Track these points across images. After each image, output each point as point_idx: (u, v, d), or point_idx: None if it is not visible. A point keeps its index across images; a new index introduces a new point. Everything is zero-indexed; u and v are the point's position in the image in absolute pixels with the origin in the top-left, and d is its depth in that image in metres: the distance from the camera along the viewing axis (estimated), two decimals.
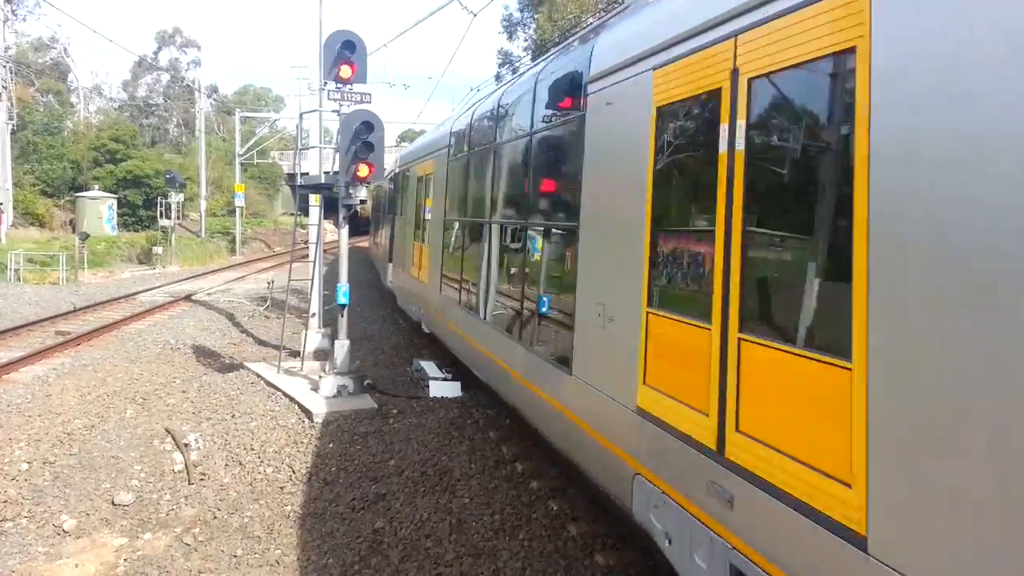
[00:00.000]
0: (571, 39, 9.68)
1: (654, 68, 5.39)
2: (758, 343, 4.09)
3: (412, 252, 16.07)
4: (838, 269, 3.57)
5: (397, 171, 20.45)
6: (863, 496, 3.23)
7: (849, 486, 3.33)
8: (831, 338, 3.57)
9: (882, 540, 3.13)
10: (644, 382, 5.33)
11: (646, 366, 5.33)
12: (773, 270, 4.23)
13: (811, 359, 3.66)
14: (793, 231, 4.12)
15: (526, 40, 46.26)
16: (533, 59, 33.64)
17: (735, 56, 4.40)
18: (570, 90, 7.20)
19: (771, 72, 4.10)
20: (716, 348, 4.45)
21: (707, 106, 4.72)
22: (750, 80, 4.27)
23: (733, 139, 4.36)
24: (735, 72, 4.39)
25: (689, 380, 4.74)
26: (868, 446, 3.22)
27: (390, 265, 20.50)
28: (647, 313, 5.33)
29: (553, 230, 7.89)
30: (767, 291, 4.26)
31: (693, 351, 4.69)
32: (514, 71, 31.48)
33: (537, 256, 8.12)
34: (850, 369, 3.35)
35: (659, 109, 5.30)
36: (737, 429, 4.22)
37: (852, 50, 3.46)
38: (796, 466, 3.69)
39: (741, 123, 4.31)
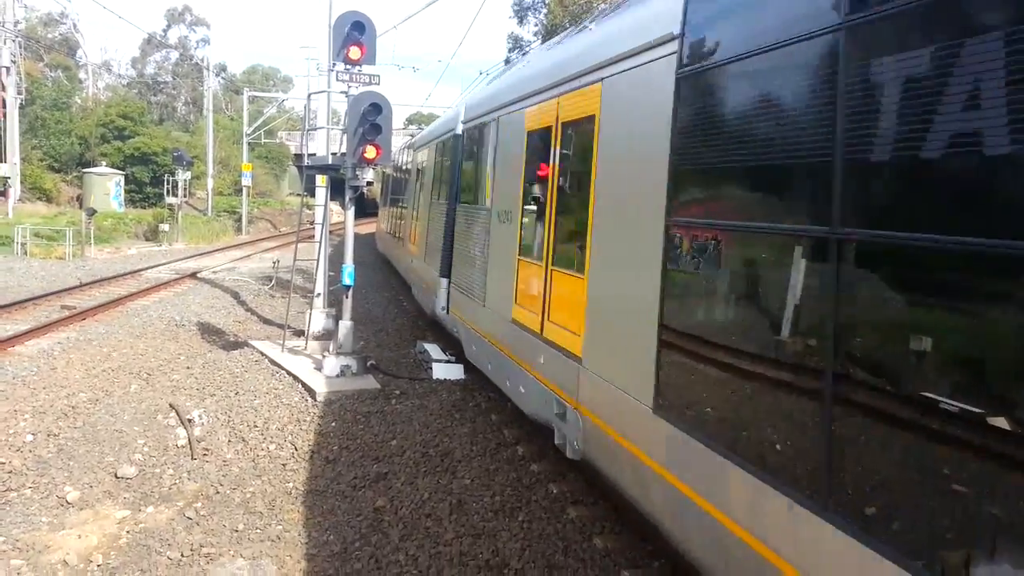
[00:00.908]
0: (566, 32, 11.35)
1: (524, 109, 9.07)
2: (558, 271, 7.57)
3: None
4: (582, 234, 6.82)
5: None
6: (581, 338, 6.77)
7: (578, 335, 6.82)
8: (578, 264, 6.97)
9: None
10: (515, 303, 8.89)
11: (517, 293, 8.86)
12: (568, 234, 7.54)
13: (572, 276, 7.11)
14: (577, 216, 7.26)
15: (536, 25, 46.01)
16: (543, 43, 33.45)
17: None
18: None
19: (537, 130, 8.26)
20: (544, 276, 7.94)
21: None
22: (563, 124, 7.73)
23: (555, 155, 7.92)
24: (557, 118, 7.87)
25: (532, 298, 8.29)
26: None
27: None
28: (518, 260, 8.81)
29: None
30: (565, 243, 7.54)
31: (535, 279, 8.20)
32: (524, 55, 31.31)
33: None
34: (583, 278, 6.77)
35: (528, 134, 8.86)
36: (549, 319, 7.73)
37: (592, 116, 6.83)
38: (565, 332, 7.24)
39: (557, 148, 7.88)
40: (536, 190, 8.38)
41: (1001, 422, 2.82)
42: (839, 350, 3.52)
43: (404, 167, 22.06)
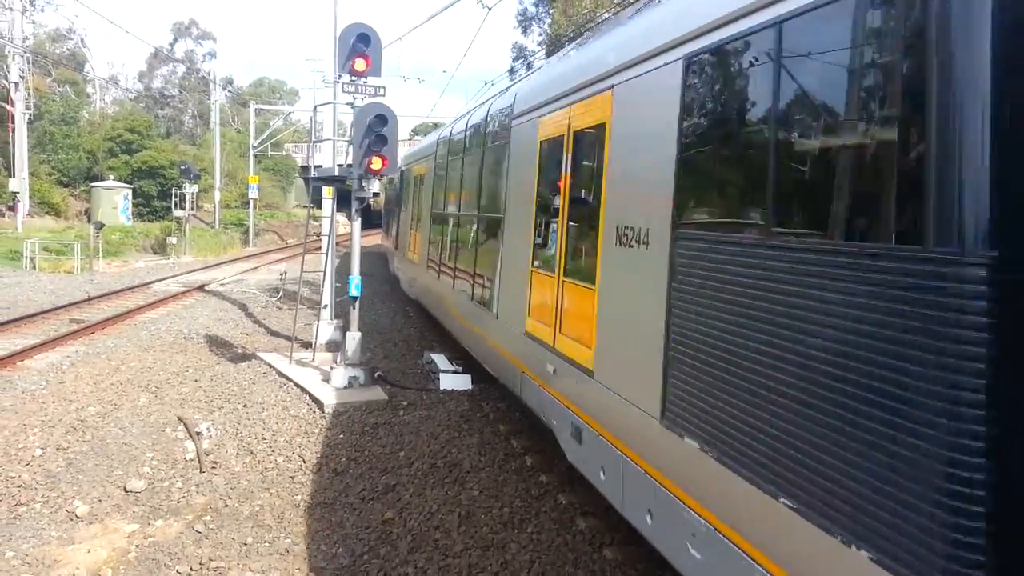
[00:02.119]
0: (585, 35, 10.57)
1: (539, 117, 8.58)
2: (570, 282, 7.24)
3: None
4: (594, 248, 6.55)
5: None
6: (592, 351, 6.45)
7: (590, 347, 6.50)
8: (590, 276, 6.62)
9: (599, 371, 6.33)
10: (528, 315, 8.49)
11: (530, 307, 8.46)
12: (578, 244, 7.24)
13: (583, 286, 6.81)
14: (578, 221, 7.29)
15: (541, 35, 46.18)
16: (547, 55, 33.61)
17: (569, 117, 7.53)
18: None
19: (583, 130, 7.24)
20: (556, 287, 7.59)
21: (557, 142, 7.91)
22: (575, 133, 7.42)
23: (566, 164, 7.60)
24: (569, 127, 7.55)
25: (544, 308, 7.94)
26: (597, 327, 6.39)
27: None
28: (531, 271, 8.44)
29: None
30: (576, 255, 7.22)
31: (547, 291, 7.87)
32: (528, 67, 31.42)
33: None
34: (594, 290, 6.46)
35: (542, 142, 8.45)
36: (560, 331, 7.39)
37: (603, 124, 6.57)
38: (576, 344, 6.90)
39: (569, 156, 7.55)
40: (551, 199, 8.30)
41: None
42: None
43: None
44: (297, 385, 11.66)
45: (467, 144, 12.85)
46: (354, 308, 12.09)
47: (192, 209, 42.99)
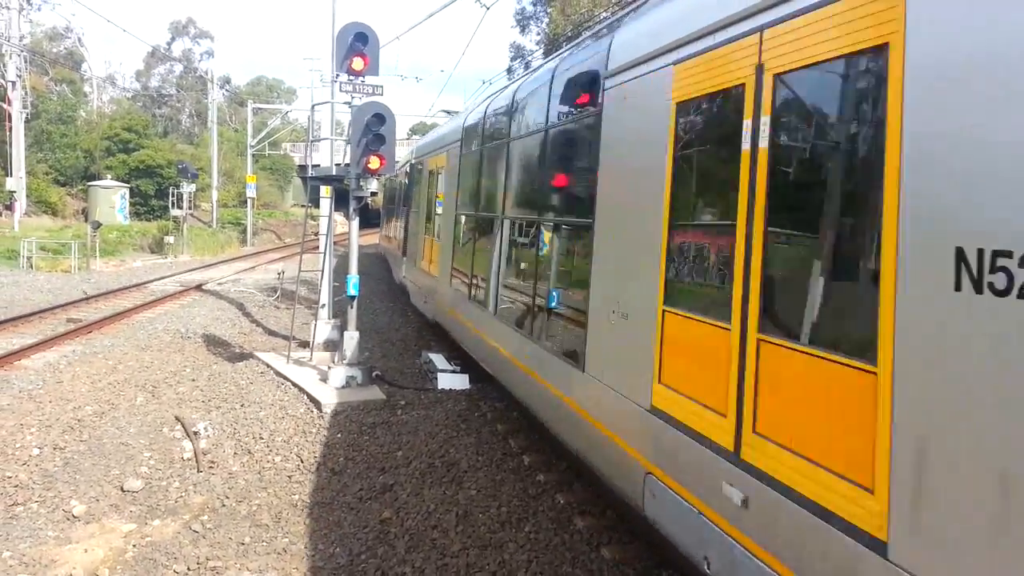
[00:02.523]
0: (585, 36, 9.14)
1: (673, 64, 5.35)
2: (777, 343, 4.09)
3: None
4: (864, 270, 3.58)
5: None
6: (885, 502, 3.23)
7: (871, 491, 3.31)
8: (855, 340, 3.53)
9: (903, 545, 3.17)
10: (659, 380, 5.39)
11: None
12: (793, 270, 4.22)
13: (834, 362, 3.62)
14: (816, 231, 4.06)
15: (539, 34, 46.16)
16: (545, 54, 33.60)
17: (760, 52, 4.33)
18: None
19: (799, 68, 4.01)
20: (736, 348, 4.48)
21: (730, 102, 4.67)
22: (776, 76, 4.19)
23: (756, 136, 4.31)
24: (760, 68, 4.31)
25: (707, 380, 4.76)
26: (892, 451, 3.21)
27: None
28: (663, 311, 5.36)
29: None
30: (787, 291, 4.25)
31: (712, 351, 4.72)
32: (526, 66, 31.42)
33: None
34: (875, 373, 3.33)
35: (679, 104, 5.27)
36: (754, 430, 4.24)
37: (884, 46, 3.39)
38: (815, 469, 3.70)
39: (766, 120, 4.25)
40: None
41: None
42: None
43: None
44: (295, 385, 11.65)
45: (514, 125, 9.84)
46: (352, 307, 12.08)
47: (189, 208, 42.92)
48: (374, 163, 11.21)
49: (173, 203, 41.93)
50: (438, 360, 13.19)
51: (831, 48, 3.76)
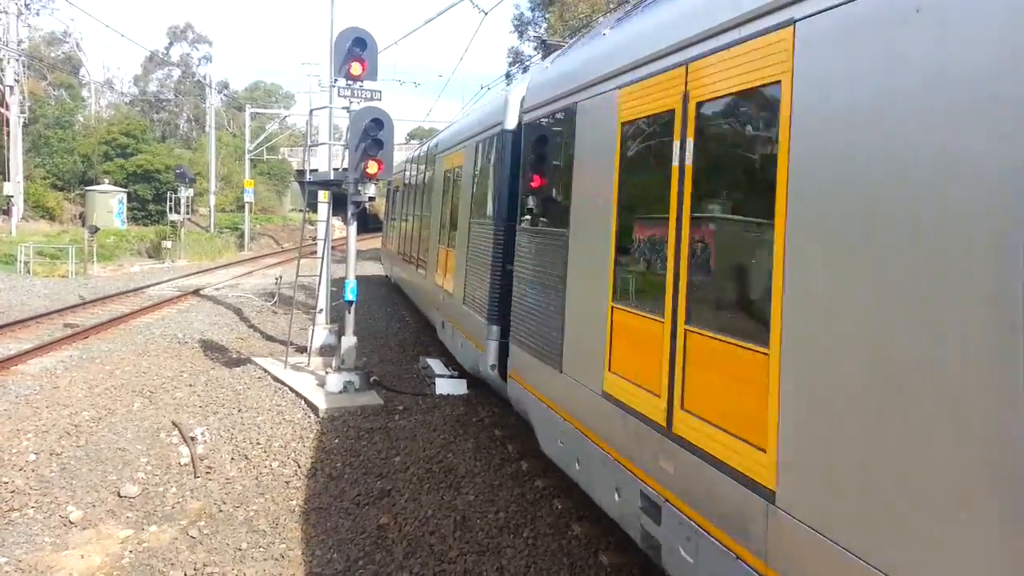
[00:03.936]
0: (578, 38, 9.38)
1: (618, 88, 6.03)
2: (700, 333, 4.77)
3: None
4: (761, 269, 4.22)
5: None
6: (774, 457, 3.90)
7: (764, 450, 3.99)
8: (753, 328, 4.22)
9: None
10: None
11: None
12: (711, 270, 4.83)
13: (738, 346, 4.31)
14: (727, 237, 4.80)
15: (537, 39, 46.24)
16: (543, 58, 33.62)
17: (686, 82, 5.00)
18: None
19: (717, 98, 4.71)
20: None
21: (663, 124, 5.34)
22: (698, 103, 4.86)
23: (684, 154, 4.99)
24: (686, 96, 4.99)
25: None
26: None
27: None
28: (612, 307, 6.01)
29: None
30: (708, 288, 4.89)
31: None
32: (524, 70, 31.43)
33: None
34: (767, 354, 3.99)
35: (624, 124, 5.96)
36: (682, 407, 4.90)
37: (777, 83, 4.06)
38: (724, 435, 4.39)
39: (690, 140, 4.93)
40: None
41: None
42: None
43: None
44: (292, 390, 11.63)
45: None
46: (349, 312, 12.07)
47: (187, 213, 42.90)
48: (372, 168, 11.22)
49: (171, 208, 41.89)
50: (436, 365, 13.18)
51: (740, 82, 4.42)
